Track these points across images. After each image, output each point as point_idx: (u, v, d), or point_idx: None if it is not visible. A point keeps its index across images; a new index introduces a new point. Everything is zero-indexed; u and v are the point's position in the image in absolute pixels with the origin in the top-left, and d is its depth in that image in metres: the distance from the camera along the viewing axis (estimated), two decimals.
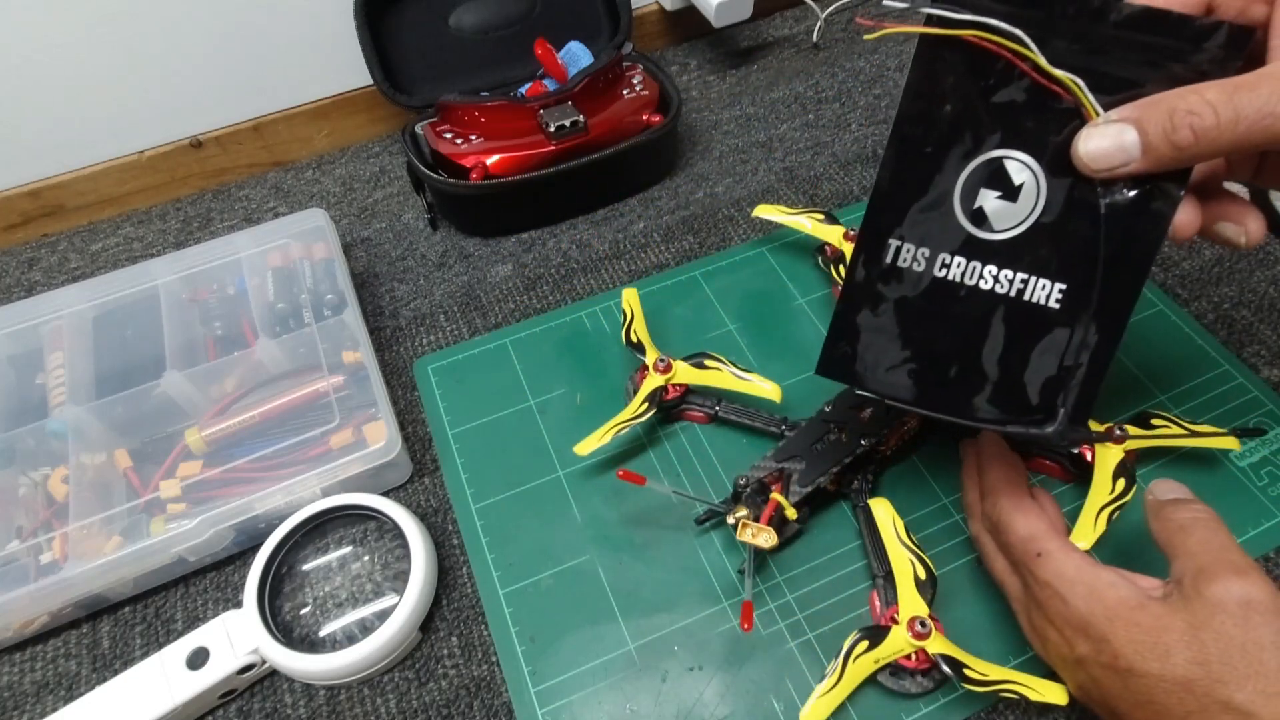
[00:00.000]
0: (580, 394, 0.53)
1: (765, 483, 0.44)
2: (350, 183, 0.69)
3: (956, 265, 0.33)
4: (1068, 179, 0.31)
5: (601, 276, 0.60)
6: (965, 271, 0.33)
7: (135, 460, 0.48)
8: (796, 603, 0.43)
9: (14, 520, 0.46)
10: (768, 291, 0.57)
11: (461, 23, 0.67)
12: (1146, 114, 0.29)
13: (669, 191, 0.66)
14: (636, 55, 0.67)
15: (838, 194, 0.64)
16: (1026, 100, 0.31)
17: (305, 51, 0.66)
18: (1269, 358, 0.51)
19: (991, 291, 0.32)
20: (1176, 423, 0.45)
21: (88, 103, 0.62)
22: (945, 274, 0.33)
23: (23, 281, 0.64)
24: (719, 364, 0.49)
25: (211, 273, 0.55)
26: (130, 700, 0.40)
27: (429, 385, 0.54)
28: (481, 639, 0.44)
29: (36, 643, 0.45)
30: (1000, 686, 0.36)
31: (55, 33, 0.58)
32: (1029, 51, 0.30)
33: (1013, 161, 0.32)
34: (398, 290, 0.60)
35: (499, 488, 0.49)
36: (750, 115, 0.71)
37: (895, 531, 0.41)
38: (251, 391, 0.51)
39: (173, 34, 0.61)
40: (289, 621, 0.43)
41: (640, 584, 0.45)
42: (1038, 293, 0.32)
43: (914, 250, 0.33)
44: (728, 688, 0.41)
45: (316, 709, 0.42)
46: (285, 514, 0.45)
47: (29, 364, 0.52)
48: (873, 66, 0.75)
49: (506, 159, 0.59)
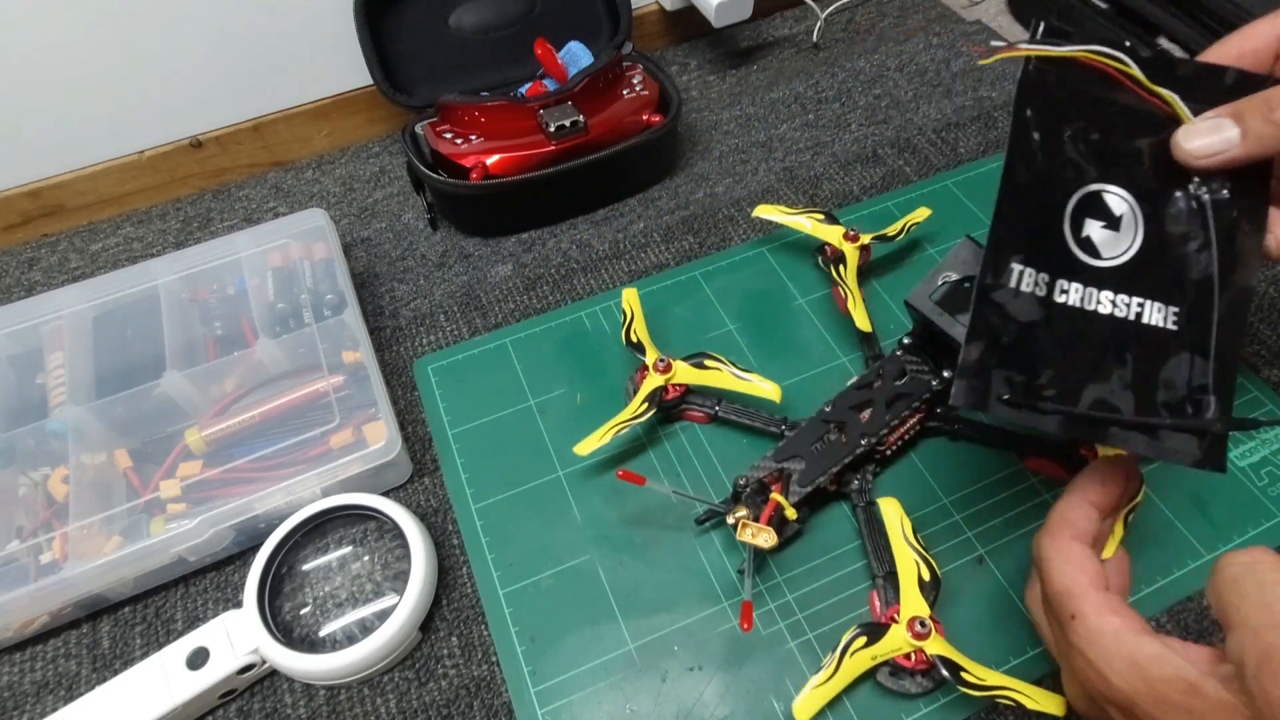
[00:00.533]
0: (580, 394, 0.53)
1: (765, 483, 0.44)
2: (350, 183, 0.69)
3: (1075, 291, 0.33)
4: (1162, 206, 0.33)
5: (601, 276, 0.60)
6: (1084, 297, 0.33)
7: (135, 460, 0.48)
8: (796, 603, 0.43)
9: (14, 520, 0.46)
10: (768, 291, 0.57)
11: (461, 23, 0.67)
12: (1242, 107, 0.32)
13: (669, 191, 0.66)
14: (636, 55, 0.67)
15: (838, 194, 0.64)
16: (1117, 139, 0.34)
17: (305, 51, 0.66)
18: (1269, 358, 0.51)
19: (1111, 316, 0.33)
20: None
21: (88, 103, 0.62)
22: (1065, 299, 0.33)
23: (23, 281, 0.64)
24: (719, 364, 0.49)
25: (211, 273, 0.55)
26: (130, 700, 0.40)
27: (429, 385, 0.54)
28: (481, 639, 0.44)
29: (36, 643, 0.45)
30: (997, 692, 0.36)
31: (55, 33, 0.58)
32: (1130, 69, 0.33)
33: (1111, 195, 0.33)
34: (398, 290, 0.60)
35: (499, 488, 0.49)
36: (750, 115, 0.71)
37: (902, 531, 0.41)
38: (251, 391, 0.51)
39: (173, 34, 0.61)
40: (289, 621, 0.43)
41: (640, 584, 0.45)
42: (1154, 316, 0.33)
43: (1034, 275, 0.33)
44: (728, 688, 0.41)
45: (316, 709, 0.42)
46: (285, 514, 0.45)
47: (29, 364, 0.52)
48: (873, 66, 0.75)
49: (506, 159, 0.59)
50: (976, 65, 0.73)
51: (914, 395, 0.47)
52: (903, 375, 0.48)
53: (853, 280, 0.53)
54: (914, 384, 0.47)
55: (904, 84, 0.73)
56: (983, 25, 0.78)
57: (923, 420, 0.47)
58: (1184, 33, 0.63)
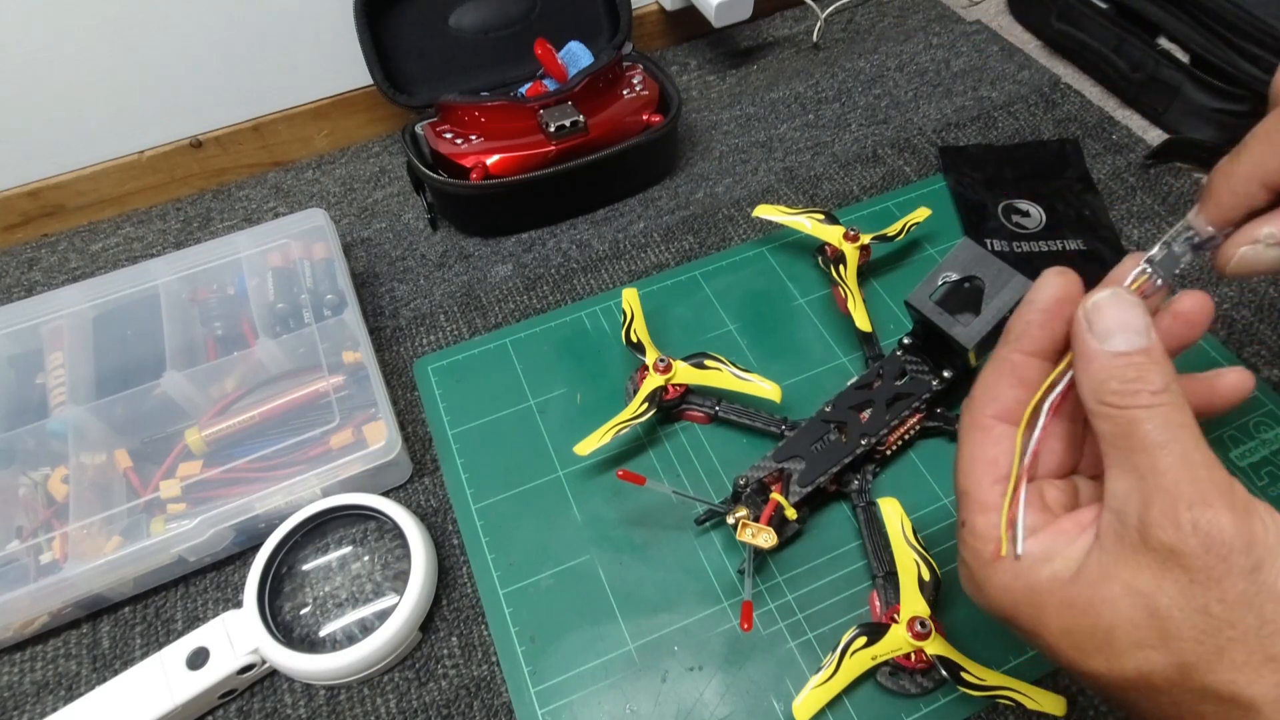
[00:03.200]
0: (580, 394, 0.53)
1: (765, 483, 0.44)
2: (350, 183, 0.69)
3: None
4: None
5: (601, 276, 0.60)
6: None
7: (135, 460, 0.48)
8: (796, 603, 0.43)
9: (14, 520, 0.46)
10: (768, 291, 0.57)
11: (461, 23, 0.67)
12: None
13: (669, 191, 0.66)
14: (636, 55, 0.67)
15: (838, 194, 0.64)
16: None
17: (305, 51, 0.66)
18: (1269, 358, 0.51)
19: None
20: None
21: (88, 103, 0.62)
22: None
23: (23, 281, 0.64)
24: (719, 364, 0.49)
25: (211, 273, 0.55)
26: (130, 700, 0.40)
27: (429, 385, 0.54)
28: (481, 639, 0.44)
29: (36, 643, 0.45)
30: (997, 692, 0.36)
31: (55, 33, 0.58)
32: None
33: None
34: (398, 290, 0.60)
35: (499, 488, 0.49)
36: (750, 115, 0.71)
37: (903, 531, 0.41)
38: (251, 391, 0.51)
39: (173, 34, 0.61)
40: (289, 621, 0.43)
41: (640, 584, 0.45)
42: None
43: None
44: (728, 688, 0.41)
45: (316, 709, 0.42)
46: (285, 514, 0.45)
47: (29, 364, 0.52)
48: (873, 66, 0.75)
49: (506, 159, 0.59)
50: (977, 65, 0.73)
51: (914, 395, 0.47)
52: (903, 375, 0.48)
53: (853, 280, 0.53)
54: (914, 384, 0.47)
55: (904, 84, 0.73)
56: (983, 25, 0.78)
57: (923, 420, 0.47)
58: (1184, 33, 0.63)
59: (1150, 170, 0.63)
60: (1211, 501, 0.22)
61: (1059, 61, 0.74)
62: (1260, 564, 0.21)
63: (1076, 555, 0.24)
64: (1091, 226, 0.59)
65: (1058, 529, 0.25)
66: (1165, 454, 0.22)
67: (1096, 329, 0.25)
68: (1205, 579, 0.21)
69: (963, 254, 0.44)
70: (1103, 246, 0.58)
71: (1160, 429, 0.23)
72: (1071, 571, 0.24)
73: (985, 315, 0.43)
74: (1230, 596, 0.21)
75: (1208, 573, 0.21)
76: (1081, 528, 0.25)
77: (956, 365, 0.47)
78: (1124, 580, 0.23)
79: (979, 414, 0.28)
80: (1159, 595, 0.22)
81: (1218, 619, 0.21)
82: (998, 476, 0.26)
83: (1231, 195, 0.27)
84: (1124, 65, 0.67)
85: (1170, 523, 0.22)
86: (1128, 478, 0.23)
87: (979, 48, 0.75)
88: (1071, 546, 0.24)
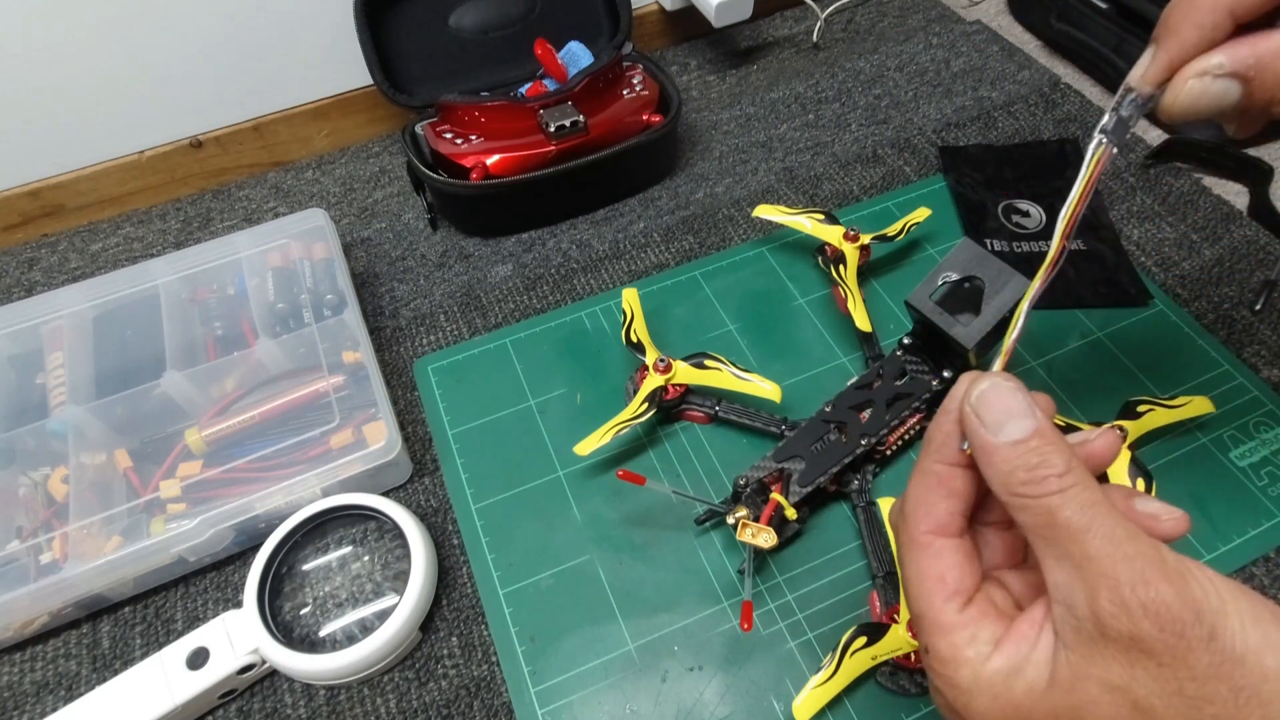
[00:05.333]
0: (580, 394, 0.53)
1: (765, 483, 0.44)
2: (350, 183, 0.69)
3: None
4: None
5: (601, 276, 0.60)
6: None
7: (135, 460, 0.48)
8: (796, 603, 0.43)
9: (14, 520, 0.46)
10: (768, 291, 0.57)
11: (461, 23, 0.67)
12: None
13: (669, 191, 0.66)
14: (636, 55, 0.67)
15: (838, 194, 0.64)
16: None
17: (305, 51, 0.66)
18: (1269, 358, 0.51)
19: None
20: (1157, 402, 0.46)
21: (88, 103, 0.62)
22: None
23: (23, 281, 0.64)
24: (719, 364, 0.49)
25: (211, 273, 0.55)
26: (130, 700, 0.40)
27: (429, 385, 0.54)
28: (481, 639, 0.44)
29: (36, 643, 0.45)
30: None
31: (55, 33, 0.58)
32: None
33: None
34: (398, 290, 0.60)
35: (499, 488, 0.49)
36: (750, 115, 0.71)
37: None
38: (251, 391, 0.51)
39: (173, 34, 0.61)
40: (289, 621, 0.43)
41: (640, 584, 0.45)
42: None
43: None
44: (728, 688, 0.41)
45: (316, 709, 0.42)
46: (285, 514, 0.45)
47: (29, 364, 0.52)
48: (873, 66, 0.75)
49: (506, 159, 0.59)
50: (977, 65, 0.73)
51: (914, 395, 0.47)
52: (903, 375, 0.48)
53: (853, 280, 0.53)
54: (914, 384, 0.47)
55: (904, 84, 0.73)
56: (983, 25, 0.78)
57: (923, 420, 0.47)
58: None
59: (1150, 170, 0.63)
60: (1149, 578, 0.21)
61: (1059, 61, 0.74)
62: (1214, 631, 0.21)
63: (1044, 659, 0.24)
64: (1091, 226, 0.59)
65: (1018, 635, 0.24)
66: (1092, 538, 0.22)
67: (988, 422, 0.25)
68: (1171, 659, 0.21)
69: (963, 254, 0.44)
70: (1103, 246, 0.58)
71: (1079, 512, 0.23)
72: (1045, 679, 0.23)
73: (985, 315, 0.43)
74: (1199, 672, 0.21)
75: (1171, 653, 0.21)
76: (1037, 626, 0.24)
77: (956, 365, 0.47)
78: (1097, 678, 0.22)
79: (915, 531, 0.27)
80: (1135, 687, 0.22)
81: (1194, 698, 0.21)
82: (949, 594, 0.26)
83: (1196, 29, 0.25)
84: (1124, 65, 0.67)
85: (1121, 610, 0.21)
86: (1064, 567, 0.23)
87: (979, 48, 0.75)
88: (1036, 651, 0.24)
